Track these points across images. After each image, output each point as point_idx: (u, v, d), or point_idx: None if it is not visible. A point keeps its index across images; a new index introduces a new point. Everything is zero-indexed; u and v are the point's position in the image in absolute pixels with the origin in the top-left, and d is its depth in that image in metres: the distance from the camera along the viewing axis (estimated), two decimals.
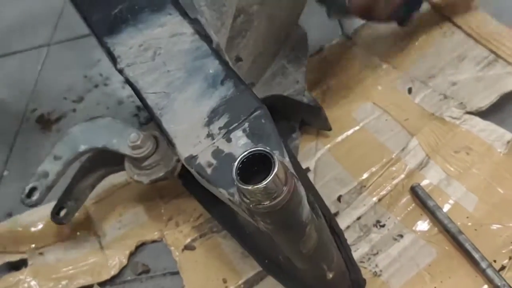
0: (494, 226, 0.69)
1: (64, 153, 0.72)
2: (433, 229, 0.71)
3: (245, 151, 0.41)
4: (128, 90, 1.09)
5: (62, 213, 0.77)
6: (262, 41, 0.78)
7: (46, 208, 0.87)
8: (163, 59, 0.60)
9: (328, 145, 0.85)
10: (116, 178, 0.90)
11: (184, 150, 0.52)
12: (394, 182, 0.77)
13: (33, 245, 0.83)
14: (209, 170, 0.49)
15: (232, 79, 0.55)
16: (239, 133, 0.51)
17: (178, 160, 0.69)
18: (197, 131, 0.52)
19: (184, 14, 0.64)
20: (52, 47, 1.27)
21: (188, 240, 0.79)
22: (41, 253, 0.82)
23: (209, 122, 0.53)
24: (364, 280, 0.67)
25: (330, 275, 0.59)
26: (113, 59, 0.62)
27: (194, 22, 0.62)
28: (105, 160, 0.78)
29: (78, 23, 1.28)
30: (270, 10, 0.76)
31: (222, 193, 0.47)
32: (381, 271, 0.69)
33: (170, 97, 0.56)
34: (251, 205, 0.42)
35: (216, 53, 0.58)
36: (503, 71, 0.85)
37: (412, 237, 0.71)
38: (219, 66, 0.57)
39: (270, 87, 0.83)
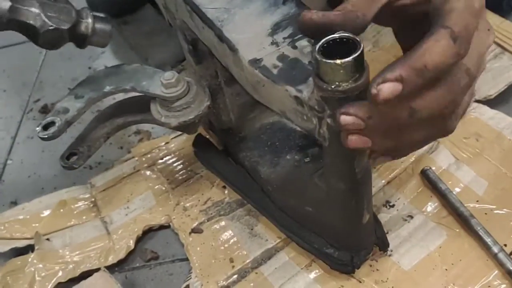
0: (504, 211, 0.70)
1: (87, 93, 0.68)
2: (443, 211, 0.71)
3: (332, 35, 0.41)
4: None
5: (73, 158, 0.74)
6: None
7: (53, 197, 0.88)
8: None
9: None
10: (124, 167, 0.90)
11: (247, 54, 0.52)
12: (404, 165, 0.78)
13: (40, 232, 0.82)
14: (274, 71, 0.50)
15: (293, 1, 0.56)
16: (304, 42, 0.51)
17: (209, 107, 0.69)
18: (261, 39, 0.53)
19: None
20: None
21: (196, 223, 0.79)
22: (48, 239, 0.82)
23: (272, 33, 0.53)
24: (388, 243, 0.67)
25: (366, 217, 0.59)
26: None
27: None
28: (126, 108, 0.75)
29: None
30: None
31: (289, 91, 0.47)
32: (391, 251, 0.69)
33: (230, 12, 0.57)
34: (329, 88, 0.41)
35: None
36: (509, 63, 0.86)
37: (422, 218, 0.71)
38: None
39: None
